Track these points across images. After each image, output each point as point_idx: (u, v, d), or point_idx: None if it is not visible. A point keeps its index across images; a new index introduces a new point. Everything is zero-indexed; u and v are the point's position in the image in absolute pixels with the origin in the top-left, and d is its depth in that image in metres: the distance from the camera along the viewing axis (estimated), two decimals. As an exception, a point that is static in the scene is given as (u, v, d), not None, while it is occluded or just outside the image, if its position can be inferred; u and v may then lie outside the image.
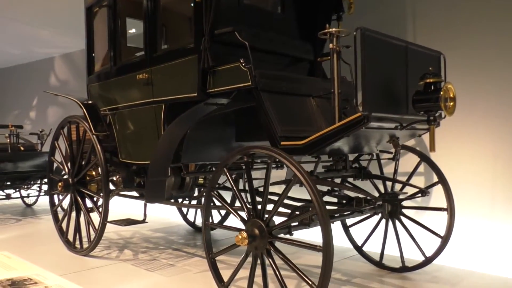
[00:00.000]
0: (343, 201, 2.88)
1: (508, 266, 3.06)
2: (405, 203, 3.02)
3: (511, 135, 3.13)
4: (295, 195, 3.02)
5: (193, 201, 4.04)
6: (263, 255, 2.18)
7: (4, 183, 5.99)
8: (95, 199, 3.70)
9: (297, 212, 2.37)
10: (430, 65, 2.30)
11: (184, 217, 4.92)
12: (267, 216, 2.20)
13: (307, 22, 3.33)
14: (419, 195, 2.93)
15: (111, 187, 3.63)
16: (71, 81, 7.69)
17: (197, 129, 2.90)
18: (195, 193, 3.85)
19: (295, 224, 2.23)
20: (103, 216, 3.39)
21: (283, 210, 2.46)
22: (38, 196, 6.55)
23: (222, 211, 4.50)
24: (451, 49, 3.15)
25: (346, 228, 3.36)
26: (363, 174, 2.92)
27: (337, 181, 3.21)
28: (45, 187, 6.21)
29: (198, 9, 2.61)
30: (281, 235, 2.20)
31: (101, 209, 3.42)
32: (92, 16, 3.81)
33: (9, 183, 6.08)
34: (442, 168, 2.94)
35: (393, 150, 2.81)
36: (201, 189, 3.80)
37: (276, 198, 2.58)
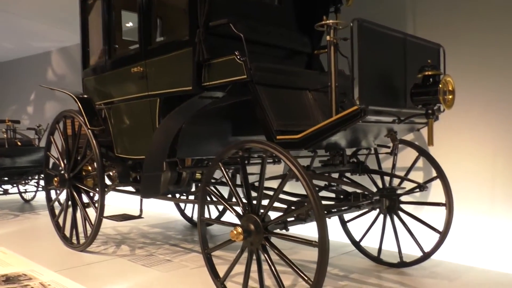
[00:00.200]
0: (340, 196, 2.84)
1: (506, 261, 3.03)
2: (403, 198, 2.99)
3: (511, 130, 3.09)
4: (293, 190, 2.99)
5: (191, 197, 4.01)
6: (259, 251, 2.16)
7: (1, 179, 5.96)
8: (91, 194, 3.67)
9: (293, 207, 2.34)
10: (429, 58, 2.25)
11: (181, 212, 4.90)
12: (262, 211, 2.17)
13: (304, 14, 3.28)
14: (417, 190, 2.90)
15: (108, 182, 3.60)
16: (69, 75, 7.63)
17: (192, 123, 2.86)
18: (193, 188, 3.82)
19: (291, 219, 2.20)
20: (99, 211, 3.37)
21: (279, 205, 2.43)
22: (36, 191, 6.52)
23: (220, 206, 4.48)
24: (451, 44, 3.10)
25: (343, 223, 3.33)
26: (360, 168, 2.88)
27: (335, 176, 3.18)
28: (43, 182, 6.18)
29: (193, 1, 2.56)
30: (277, 231, 2.17)
31: (97, 204, 3.39)
32: (86, 8, 3.76)
33: (6, 178, 6.05)
34: (441, 162, 2.90)
35: (391, 144, 2.77)
36: (199, 184, 3.77)
37: (272, 193, 2.55)
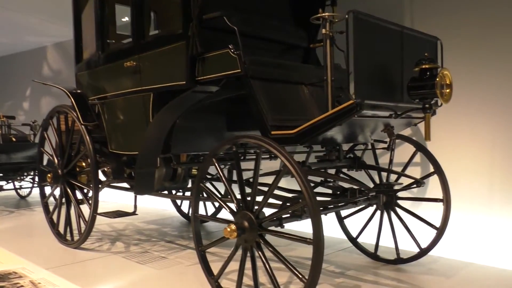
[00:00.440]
0: (337, 192, 2.81)
1: (505, 257, 3.01)
2: (400, 194, 2.96)
3: (509, 125, 3.05)
4: (290, 186, 2.95)
5: (188, 193, 3.97)
6: (253, 248, 2.12)
7: (-4, 175, 5.93)
8: (85, 190, 3.63)
9: (288, 203, 2.30)
10: (426, 51, 2.21)
11: (178, 208, 4.86)
12: (257, 207, 2.13)
13: (301, 7, 3.23)
14: (415, 185, 2.86)
15: (102, 178, 3.56)
16: (64, 70, 7.56)
17: (187, 119, 2.82)
18: (189, 184, 3.78)
19: (286, 216, 2.16)
20: (93, 208, 3.33)
21: (275, 201, 2.39)
22: (31, 187, 6.47)
23: (216, 203, 4.44)
24: (449, 37, 3.06)
25: (340, 219, 3.29)
26: (357, 164, 2.85)
27: (331, 171, 3.14)
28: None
29: None
30: (272, 228, 2.13)
31: (91, 201, 3.35)
32: (79, 2, 3.70)
33: (1, 174, 6.01)
34: (438, 158, 2.87)
35: (388, 139, 2.73)
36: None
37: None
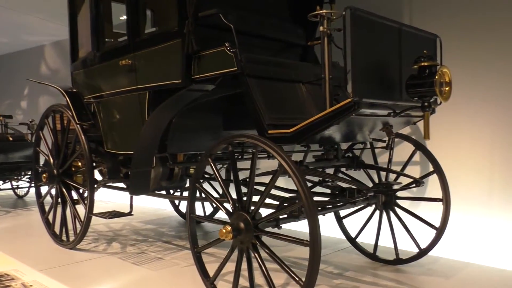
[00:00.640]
0: (335, 192, 2.77)
1: (505, 257, 2.97)
2: (399, 194, 2.93)
3: (509, 124, 3.01)
4: (288, 186, 2.91)
5: (186, 193, 3.93)
6: (249, 250, 2.08)
7: (-7, 174, 5.88)
8: (81, 190, 3.60)
9: (286, 204, 2.26)
10: (425, 48, 2.17)
11: (176, 208, 4.83)
12: (253, 208, 2.09)
13: (298, 4, 3.19)
14: (414, 185, 2.82)
15: (99, 178, 3.52)
16: (62, 69, 7.51)
17: (183, 117, 2.78)
18: (187, 184, 3.75)
19: (283, 216, 2.12)
20: (88, 208, 3.29)
21: (272, 202, 2.36)
22: (29, 187, 6.44)
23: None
24: (449, 34, 3.02)
25: (339, 219, 3.26)
26: (356, 163, 2.81)
27: (330, 171, 3.11)
28: (34, 178, 6.10)
29: None
30: (269, 229, 2.09)
31: (86, 201, 3.31)
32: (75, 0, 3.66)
33: (-2, 174, 5.97)
34: (437, 157, 2.83)
35: (386, 138, 2.70)
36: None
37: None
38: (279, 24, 3.06)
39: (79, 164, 3.66)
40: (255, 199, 2.13)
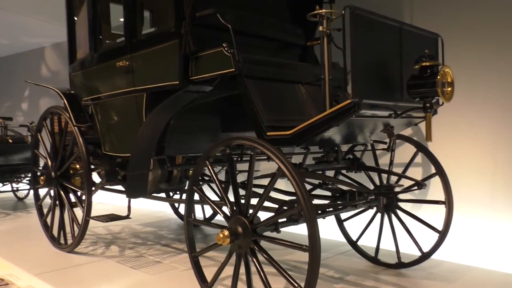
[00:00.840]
0: (336, 195, 2.73)
1: (509, 261, 2.92)
2: (401, 196, 2.88)
3: (511, 125, 2.96)
4: (288, 189, 2.87)
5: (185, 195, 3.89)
6: (247, 255, 2.04)
7: (-8, 176, 5.86)
8: (78, 193, 3.56)
9: (285, 207, 2.22)
10: (426, 48, 2.12)
11: (175, 211, 4.79)
12: (251, 211, 2.05)
13: (297, 4, 3.15)
14: (416, 187, 2.77)
15: (98, 180, 3.48)
16: (62, 71, 7.49)
17: (181, 119, 2.74)
18: (186, 186, 3.71)
19: (282, 220, 2.08)
20: (86, 211, 3.26)
21: (271, 205, 2.31)
22: (29, 189, 6.41)
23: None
24: (450, 34, 2.97)
25: (340, 222, 3.21)
26: (356, 165, 2.76)
27: (330, 173, 3.06)
28: (33, 181, 6.08)
29: None
30: (267, 233, 2.05)
31: (84, 204, 3.28)
32: (73, 0, 3.63)
33: (-3, 176, 5.95)
34: (440, 158, 2.78)
35: (388, 140, 2.65)
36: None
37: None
38: (278, 24, 3.02)
39: (77, 166, 3.63)
40: (254, 202, 2.09)
